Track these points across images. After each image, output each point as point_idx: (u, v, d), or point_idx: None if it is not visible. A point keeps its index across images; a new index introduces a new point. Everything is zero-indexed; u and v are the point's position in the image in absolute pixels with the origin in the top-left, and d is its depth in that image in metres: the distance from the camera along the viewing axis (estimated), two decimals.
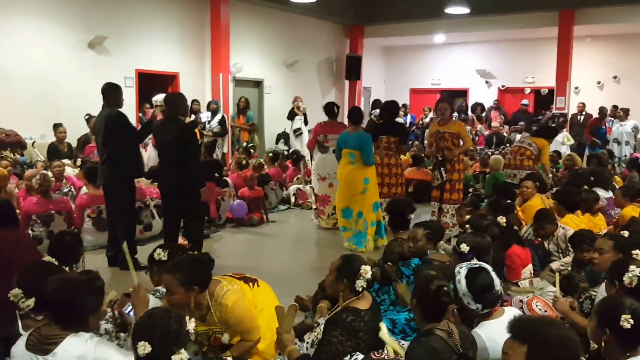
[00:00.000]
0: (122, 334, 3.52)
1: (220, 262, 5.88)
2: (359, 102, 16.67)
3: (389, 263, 4.09)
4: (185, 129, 5.75)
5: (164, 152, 5.76)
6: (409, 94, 18.73)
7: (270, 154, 10.38)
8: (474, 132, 14.29)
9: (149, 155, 9.46)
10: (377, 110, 12.42)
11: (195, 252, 3.62)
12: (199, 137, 10.18)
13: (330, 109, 7.75)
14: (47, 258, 3.60)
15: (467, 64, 17.68)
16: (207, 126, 10.97)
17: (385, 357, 2.60)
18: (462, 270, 3.07)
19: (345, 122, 7.84)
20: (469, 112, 16.09)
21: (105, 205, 6.20)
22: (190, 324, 2.48)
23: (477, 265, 3.12)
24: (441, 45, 17.76)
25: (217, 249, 6.77)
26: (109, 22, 10.56)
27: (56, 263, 3.46)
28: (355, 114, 7.01)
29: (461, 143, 7.32)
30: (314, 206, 8.45)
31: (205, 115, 11.18)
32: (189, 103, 8.32)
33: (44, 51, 9.67)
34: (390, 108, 7.99)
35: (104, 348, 2.61)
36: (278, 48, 14.33)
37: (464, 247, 3.76)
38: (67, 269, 3.54)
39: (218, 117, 11.11)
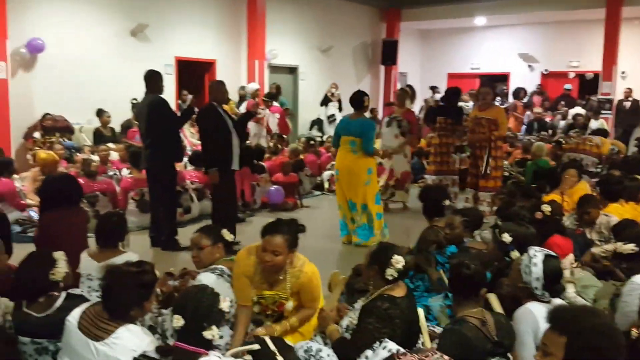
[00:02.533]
0: (164, 310, 3.68)
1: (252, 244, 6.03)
2: (395, 87, 16.54)
3: (422, 251, 4.09)
4: (202, 114, 5.92)
5: (200, 137, 6.02)
6: (446, 78, 18.48)
7: (305, 140, 10.48)
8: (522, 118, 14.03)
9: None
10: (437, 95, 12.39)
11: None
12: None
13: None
14: None
15: (508, 48, 17.25)
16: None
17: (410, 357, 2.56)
18: (538, 255, 3.01)
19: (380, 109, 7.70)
20: (510, 97, 15.81)
21: (148, 188, 6.42)
22: (225, 303, 2.58)
23: (551, 253, 3.09)
24: (481, 28, 17.41)
25: (251, 233, 6.88)
26: (151, 11, 10.78)
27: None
28: (356, 99, 6.29)
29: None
30: None
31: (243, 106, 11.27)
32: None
33: (89, 39, 9.96)
34: (452, 93, 8.36)
35: (152, 347, 2.63)
36: (313, 34, 14.33)
37: (506, 237, 3.64)
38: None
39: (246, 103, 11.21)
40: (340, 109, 12.69)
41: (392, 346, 2.18)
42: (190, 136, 9.96)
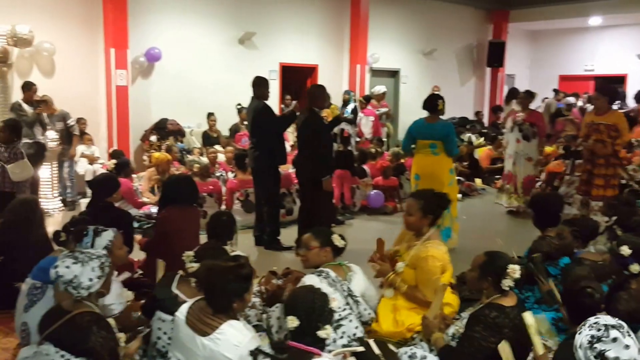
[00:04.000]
0: (268, 308, 3.79)
1: (349, 247, 6.05)
2: (502, 90, 16.01)
3: (533, 262, 3.91)
4: (309, 120, 5.97)
5: (298, 142, 6.12)
6: (557, 80, 17.58)
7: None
8: None
9: None
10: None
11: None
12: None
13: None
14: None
15: (626, 48, 16.13)
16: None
17: None
18: None
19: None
20: (628, 101, 14.73)
21: (253, 189, 6.65)
22: (334, 303, 2.62)
23: None
24: (596, 28, 16.40)
25: (350, 235, 6.89)
26: (258, 19, 11.17)
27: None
28: (430, 102, 6.18)
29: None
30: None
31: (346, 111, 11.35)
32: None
33: (201, 48, 10.49)
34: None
35: (254, 343, 2.71)
36: (415, 37, 14.18)
37: (625, 250, 3.38)
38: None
39: (350, 106, 11.26)
40: (443, 112, 12.39)
41: (614, 354, 2.17)
42: (293, 140, 10.19)
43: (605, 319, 2.33)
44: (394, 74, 14.02)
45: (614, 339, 2.21)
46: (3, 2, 8.11)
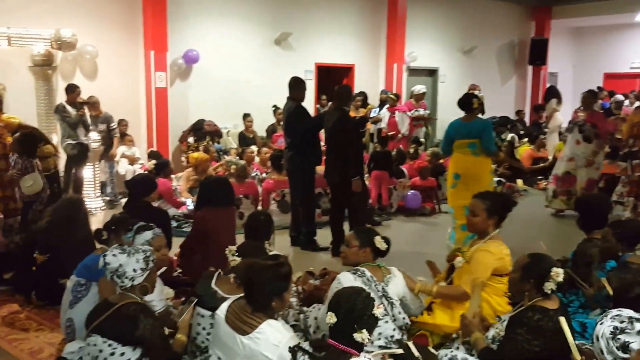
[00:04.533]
0: (305, 308, 3.80)
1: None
2: (544, 88, 15.65)
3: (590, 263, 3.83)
4: (339, 119, 5.94)
5: (328, 142, 6.06)
6: (602, 78, 17.08)
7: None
8: None
9: None
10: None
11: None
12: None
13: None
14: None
15: None
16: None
17: None
18: None
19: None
20: None
21: (289, 190, 6.67)
22: (379, 310, 2.60)
23: None
24: None
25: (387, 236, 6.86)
26: (294, 20, 11.19)
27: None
28: (466, 101, 6.03)
29: None
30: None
31: (373, 111, 11.26)
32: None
33: (237, 49, 10.57)
34: None
35: (293, 342, 2.72)
36: (454, 35, 13.99)
37: None
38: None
39: (387, 106, 11.16)
40: (483, 111, 12.13)
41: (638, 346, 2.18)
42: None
43: (627, 311, 2.34)
44: (432, 73, 13.87)
45: (639, 332, 2.25)
46: (47, 6, 8.34)
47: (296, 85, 6.30)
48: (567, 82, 16.19)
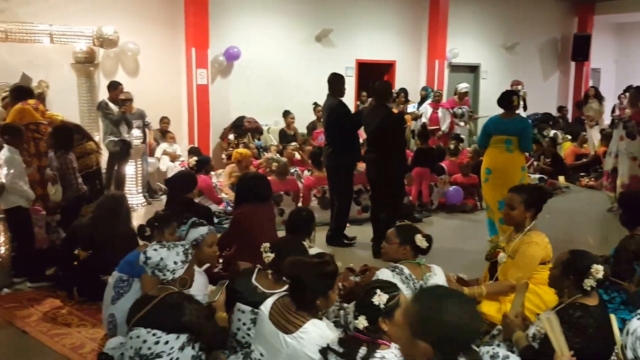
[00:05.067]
0: (345, 304, 3.74)
1: None
2: (587, 84, 15.25)
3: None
4: (391, 117, 5.88)
5: (371, 138, 5.96)
6: None
7: None
8: None
9: None
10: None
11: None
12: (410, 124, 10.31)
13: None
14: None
15: None
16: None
17: None
18: None
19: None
20: None
21: (328, 186, 6.63)
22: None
23: None
24: None
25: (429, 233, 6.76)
26: (335, 16, 11.17)
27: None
28: (505, 99, 6.15)
29: None
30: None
31: (410, 106, 11.11)
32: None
33: (278, 46, 10.61)
34: None
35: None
36: (497, 30, 13.77)
37: None
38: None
39: (429, 102, 11.02)
40: (525, 107, 11.91)
41: None
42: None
43: None
44: (473, 69, 13.66)
45: None
46: (89, 4, 8.49)
47: (335, 81, 6.25)
48: (610, 77, 15.78)
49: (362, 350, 2.35)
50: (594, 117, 12.11)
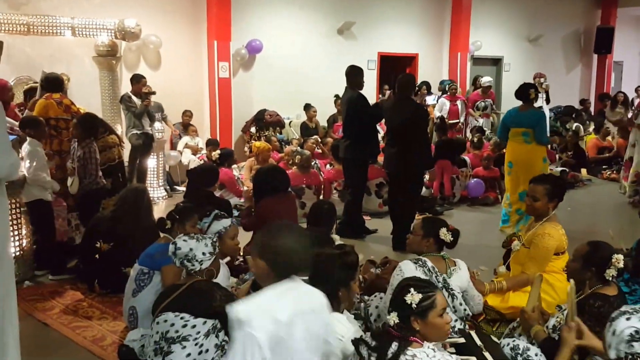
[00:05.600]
0: (366, 297, 3.73)
1: None
2: (609, 77, 14.99)
3: None
4: (417, 110, 5.85)
5: (394, 132, 5.88)
6: None
7: None
8: None
9: None
10: None
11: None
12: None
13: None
14: None
15: None
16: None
17: None
18: None
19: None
20: None
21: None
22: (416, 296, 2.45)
23: None
24: None
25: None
26: (357, 9, 11.10)
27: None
28: (522, 92, 6.21)
29: None
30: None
31: (431, 98, 11.03)
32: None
33: (300, 39, 10.58)
34: None
35: (357, 335, 2.65)
36: (520, 23, 13.59)
37: None
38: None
39: (446, 95, 10.91)
40: (548, 100, 11.73)
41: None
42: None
43: None
44: (496, 62, 13.51)
45: None
46: None
47: (354, 74, 6.18)
48: (633, 71, 15.52)
49: (394, 346, 2.33)
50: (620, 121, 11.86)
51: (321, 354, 2.23)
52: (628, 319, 2.04)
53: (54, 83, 5.80)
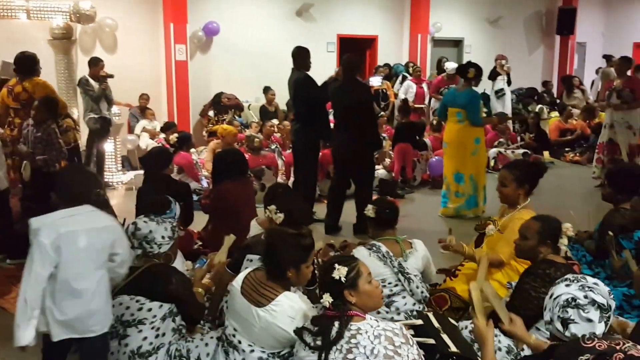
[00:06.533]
0: None
1: (409, 221, 5.94)
2: (572, 58, 15.23)
3: (608, 234, 3.72)
4: (367, 92, 5.82)
5: (341, 115, 5.78)
6: (631, 48, 16.52)
7: None
8: None
9: None
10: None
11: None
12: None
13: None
14: None
15: None
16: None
17: None
18: None
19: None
20: None
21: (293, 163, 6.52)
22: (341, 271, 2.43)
23: None
24: None
25: (408, 209, 6.75)
26: None
27: None
28: (462, 70, 6.23)
29: None
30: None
31: (376, 80, 10.92)
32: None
33: (258, 21, 10.44)
34: None
35: (310, 315, 2.63)
36: (481, 4, 13.62)
37: None
38: None
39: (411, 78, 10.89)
40: (509, 82, 11.89)
41: (576, 330, 1.96)
42: None
43: (604, 290, 2.04)
44: (457, 43, 13.56)
45: (589, 320, 1.98)
46: None
47: (300, 55, 6.00)
48: (596, 52, 15.70)
49: (336, 325, 2.33)
50: (577, 105, 12.10)
51: (102, 262, 2.70)
52: (567, 285, 2.06)
53: (21, 65, 5.73)
